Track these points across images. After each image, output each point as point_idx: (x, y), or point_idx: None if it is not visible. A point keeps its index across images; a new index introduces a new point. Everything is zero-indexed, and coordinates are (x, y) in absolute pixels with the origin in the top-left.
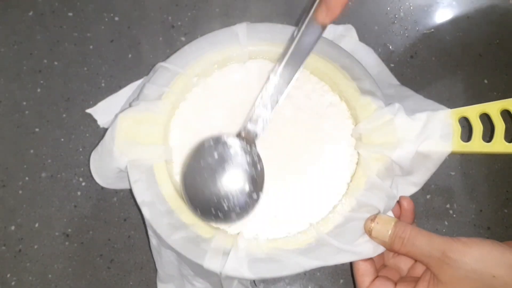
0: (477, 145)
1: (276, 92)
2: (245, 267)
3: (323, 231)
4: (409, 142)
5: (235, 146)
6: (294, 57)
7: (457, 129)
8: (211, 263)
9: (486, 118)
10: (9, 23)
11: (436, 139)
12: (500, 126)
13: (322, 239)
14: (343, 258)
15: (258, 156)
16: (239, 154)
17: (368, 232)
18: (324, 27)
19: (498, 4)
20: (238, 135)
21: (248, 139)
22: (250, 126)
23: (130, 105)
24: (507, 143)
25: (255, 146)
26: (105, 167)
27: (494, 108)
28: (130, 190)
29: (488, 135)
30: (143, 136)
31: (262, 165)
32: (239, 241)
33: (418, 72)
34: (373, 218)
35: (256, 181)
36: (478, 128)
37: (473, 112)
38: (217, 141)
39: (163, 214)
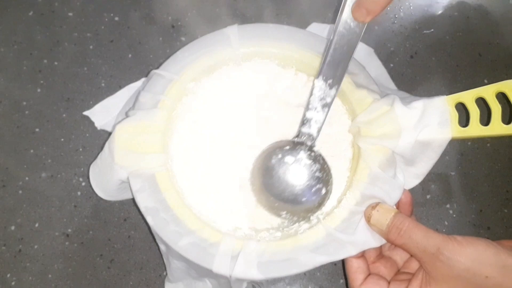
0: (475, 129)
1: (324, 95)
2: (254, 269)
3: (331, 226)
4: (408, 131)
5: (291, 161)
6: (337, 57)
7: (455, 115)
8: (220, 267)
9: (482, 103)
10: (9, 23)
11: (434, 126)
12: (496, 109)
13: (330, 234)
14: (351, 251)
15: (318, 156)
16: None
17: (367, 219)
18: (364, 24)
19: (498, 4)
20: (294, 142)
21: (305, 142)
22: (304, 129)
23: (126, 115)
24: (504, 125)
25: (312, 147)
26: (106, 179)
27: (489, 92)
28: (133, 200)
29: (485, 119)
30: (142, 146)
31: (325, 164)
32: (248, 242)
33: (418, 72)
34: (374, 206)
35: (322, 178)
36: (475, 112)
37: (468, 96)
38: (278, 161)
39: (168, 222)
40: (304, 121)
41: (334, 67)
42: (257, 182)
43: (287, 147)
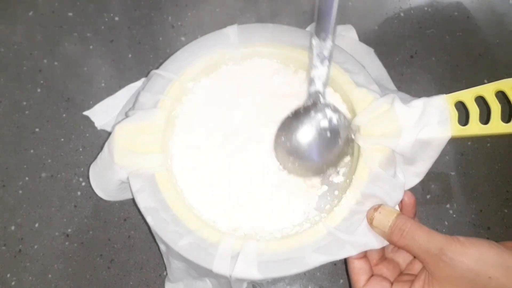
0: (475, 128)
1: (320, 50)
2: (254, 269)
3: (331, 225)
4: (408, 130)
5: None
6: (323, 11)
7: (454, 113)
8: (220, 267)
9: (481, 102)
10: (9, 23)
11: (434, 125)
12: (496, 107)
13: (330, 233)
14: (351, 251)
15: (334, 106)
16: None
17: (370, 221)
18: None
19: (498, 4)
20: (307, 102)
21: (315, 100)
22: (311, 89)
23: (126, 115)
24: (504, 124)
25: (324, 101)
26: (106, 180)
27: (488, 90)
28: (133, 200)
29: (485, 117)
30: (142, 146)
31: (338, 115)
32: (247, 242)
33: (418, 72)
34: (376, 208)
35: (345, 120)
36: (474, 111)
37: (468, 95)
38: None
39: (168, 222)
40: (310, 81)
41: (323, 21)
42: (292, 156)
43: (312, 112)
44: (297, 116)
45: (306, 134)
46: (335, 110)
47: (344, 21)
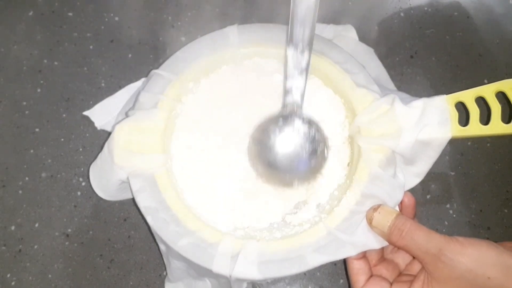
0: (475, 128)
1: (298, 61)
2: (254, 269)
3: (331, 226)
4: (408, 130)
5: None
6: (300, 21)
7: (454, 114)
8: (220, 267)
9: (481, 102)
10: (9, 23)
11: (434, 125)
12: (496, 108)
13: (330, 234)
14: (351, 251)
15: (311, 120)
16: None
17: (369, 221)
18: None
19: (497, 4)
20: (282, 113)
21: (291, 110)
22: (288, 99)
23: (126, 115)
24: (504, 124)
25: (300, 114)
26: (106, 180)
27: (489, 91)
28: (133, 200)
29: (485, 118)
30: (142, 146)
31: (317, 124)
32: (247, 242)
33: (418, 72)
34: (375, 208)
35: (320, 137)
36: (474, 111)
37: (468, 96)
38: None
39: (168, 222)
40: (286, 91)
41: (300, 32)
42: (262, 164)
43: (281, 121)
44: (273, 124)
45: (280, 144)
46: (313, 123)
47: (344, 21)
